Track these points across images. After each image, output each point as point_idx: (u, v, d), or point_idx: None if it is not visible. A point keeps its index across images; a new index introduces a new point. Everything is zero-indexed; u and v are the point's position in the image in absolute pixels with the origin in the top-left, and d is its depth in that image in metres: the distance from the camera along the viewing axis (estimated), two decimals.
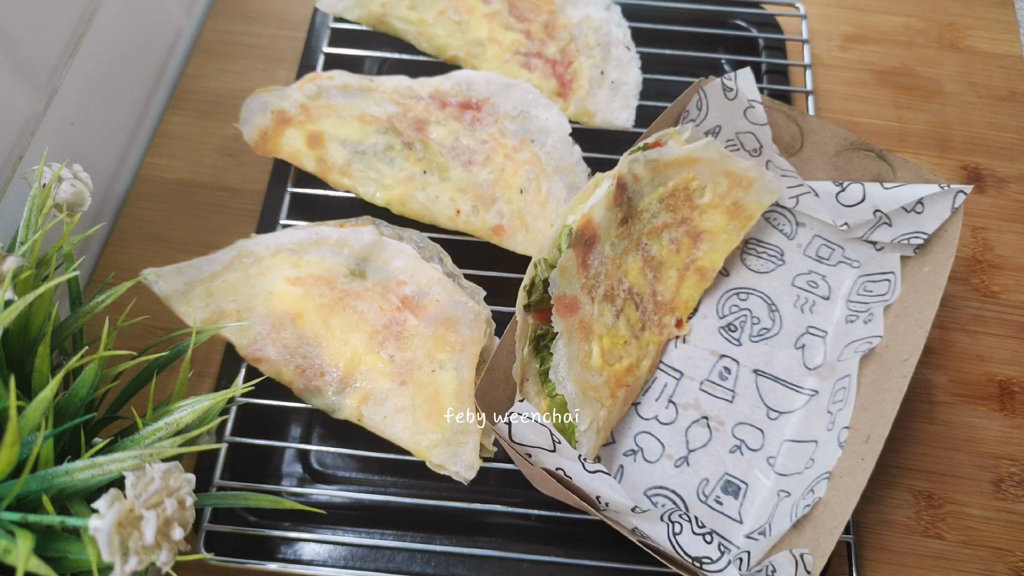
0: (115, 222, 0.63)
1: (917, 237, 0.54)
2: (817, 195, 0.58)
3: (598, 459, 0.51)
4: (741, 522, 0.51)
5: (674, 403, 0.55)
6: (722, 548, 0.44)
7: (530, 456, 0.44)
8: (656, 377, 0.55)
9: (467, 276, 0.57)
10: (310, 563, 0.51)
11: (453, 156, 0.60)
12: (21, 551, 0.29)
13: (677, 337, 0.57)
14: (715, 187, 0.57)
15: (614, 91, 0.65)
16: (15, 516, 0.31)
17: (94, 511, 0.30)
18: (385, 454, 0.51)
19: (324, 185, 0.60)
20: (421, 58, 0.68)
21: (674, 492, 0.52)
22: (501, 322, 0.54)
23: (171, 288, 0.54)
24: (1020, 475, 0.54)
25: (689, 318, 0.57)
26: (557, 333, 0.48)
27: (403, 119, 0.61)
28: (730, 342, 0.57)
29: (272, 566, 0.50)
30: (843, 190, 0.56)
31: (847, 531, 0.51)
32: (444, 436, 0.50)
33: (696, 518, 0.47)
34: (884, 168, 0.56)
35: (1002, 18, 0.75)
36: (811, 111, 0.67)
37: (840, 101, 0.70)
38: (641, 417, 0.54)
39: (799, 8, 0.73)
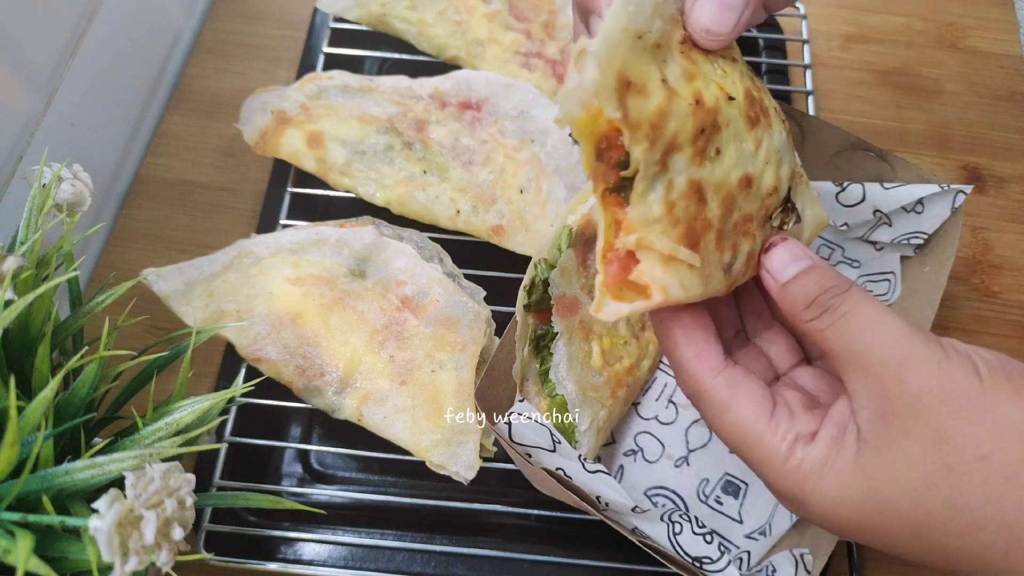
0: (115, 222, 0.63)
1: (917, 237, 0.54)
2: (817, 195, 0.58)
3: (598, 459, 0.51)
4: (741, 522, 0.51)
5: (674, 403, 0.55)
6: (722, 548, 0.44)
7: (530, 456, 0.44)
8: (656, 377, 0.55)
9: (467, 276, 0.57)
10: (310, 563, 0.51)
11: (453, 156, 0.60)
12: (21, 551, 0.29)
13: None
14: None
15: None
16: (15, 516, 0.31)
17: (94, 511, 0.30)
18: (385, 454, 0.51)
19: (324, 185, 0.60)
20: (421, 58, 0.68)
21: (674, 492, 0.52)
22: (501, 322, 0.54)
23: (171, 288, 0.54)
24: None
25: None
26: (557, 333, 0.48)
27: (403, 119, 0.61)
28: None
29: (272, 566, 0.50)
30: (843, 190, 0.56)
31: None
32: (444, 436, 0.50)
33: (696, 518, 0.47)
34: (884, 168, 0.56)
35: (1002, 18, 0.75)
36: (811, 111, 0.67)
37: (840, 101, 0.70)
38: (641, 417, 0.54)
39: (799, 8, 0.73)
